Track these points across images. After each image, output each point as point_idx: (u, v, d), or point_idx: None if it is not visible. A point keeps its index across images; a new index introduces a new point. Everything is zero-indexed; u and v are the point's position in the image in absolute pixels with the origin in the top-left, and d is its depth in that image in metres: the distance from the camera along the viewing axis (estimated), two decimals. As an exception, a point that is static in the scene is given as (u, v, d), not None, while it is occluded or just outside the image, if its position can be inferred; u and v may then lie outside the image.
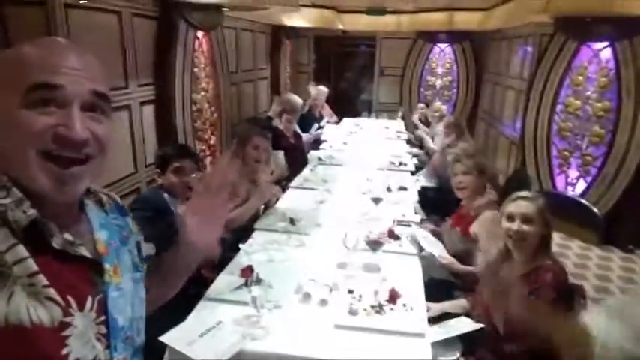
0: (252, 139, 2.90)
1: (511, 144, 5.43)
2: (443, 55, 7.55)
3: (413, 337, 1.65)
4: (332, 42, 7.94)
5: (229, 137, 4.45)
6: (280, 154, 3.97)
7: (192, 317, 1.69)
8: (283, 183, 3.56)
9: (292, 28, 6.23)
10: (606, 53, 4.11)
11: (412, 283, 2.01)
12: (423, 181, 3.95)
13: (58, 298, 0.67)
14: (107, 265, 0.79)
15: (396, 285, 1.91)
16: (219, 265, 2.12)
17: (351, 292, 1.88)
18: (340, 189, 3.33)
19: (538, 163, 4.72)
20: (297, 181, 3.54)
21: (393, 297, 1.83)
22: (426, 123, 5.82)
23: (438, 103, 5.66)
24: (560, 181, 4.62)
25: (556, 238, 4.25)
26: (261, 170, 2.95)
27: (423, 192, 3.57)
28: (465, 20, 6.24)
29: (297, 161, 4.11)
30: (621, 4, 3.23)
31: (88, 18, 2.63)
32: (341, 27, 6.80)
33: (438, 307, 2.07)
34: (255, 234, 2.47)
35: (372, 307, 1.78)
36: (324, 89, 6.11)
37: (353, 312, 1.75)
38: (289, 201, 3.06)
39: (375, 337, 1.63)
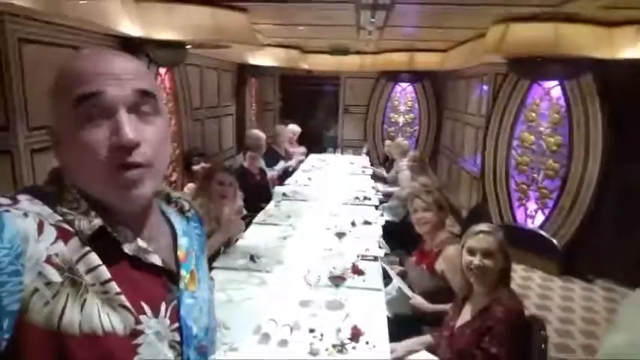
0: (215, 174, 2.84)
1: (472, 178, 5.57)
2: (405, 93, 7.80)
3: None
4: (297, 81, 8.07)
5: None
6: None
7: None
8: (247, 220, 3.48)
9: (258, 67, 6.30)
10: (557, 91, 4.34)
11: (376, 319, 1.95)
12: (386, 215, 3.96)
13: (129, 305, 0.66)
14: (184, 272, 0.77)
15: (359, 322, 1.85)
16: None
17: (312, 331, 1.81)
18: (304, 224, 3.28)
19: (498, 197, 4.84)
20: (260, 216, 3.48)
21: (356, 335, 1.77)
22: (389, 158, 5.92)
23: (400, 139, 5.79)
24: (520, 214, 4.74)
25: (518, 270, 4.31)
26: (226, 205, 2.87)
27: (388, 226, 3.57)
28: (425, 61, 6.51)
29: (261, 197, 4.05)
30: (566, 45, 3.43)
31: (44, 53, 2.57)
32: (306, 66, 6.95)
33: (404, 346, 2.01)
34: (213, 273, 2.36)
35: (334, 346, 1.71)
36: (285, 128, 6.14)
37: (314, 352, 1.67)
38: (252, 237, 2.98)
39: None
